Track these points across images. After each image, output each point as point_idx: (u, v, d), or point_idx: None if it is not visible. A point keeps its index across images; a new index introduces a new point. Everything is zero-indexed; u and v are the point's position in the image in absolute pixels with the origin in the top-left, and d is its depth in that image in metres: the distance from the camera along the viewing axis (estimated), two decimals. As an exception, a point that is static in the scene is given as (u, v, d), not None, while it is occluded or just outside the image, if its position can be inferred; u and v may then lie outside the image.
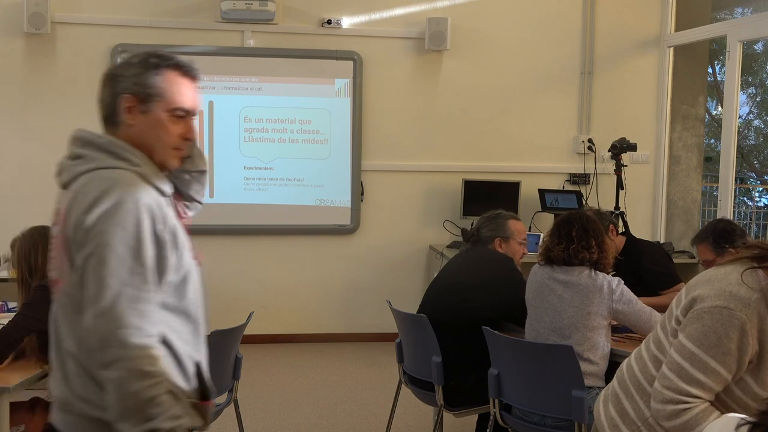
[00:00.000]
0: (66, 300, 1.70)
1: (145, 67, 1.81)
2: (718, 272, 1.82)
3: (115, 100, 1.81)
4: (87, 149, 1.79)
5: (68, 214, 1.68)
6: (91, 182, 1.69)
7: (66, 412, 1.71)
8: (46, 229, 2.86)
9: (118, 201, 1.63)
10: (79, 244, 1.64)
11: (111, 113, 1.83)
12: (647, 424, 1.87)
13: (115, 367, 1.57)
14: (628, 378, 1.96)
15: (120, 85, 1.80)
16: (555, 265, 3.11)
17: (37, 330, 2.67)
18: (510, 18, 6.25)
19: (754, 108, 15.82)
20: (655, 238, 6.39)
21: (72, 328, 1.68)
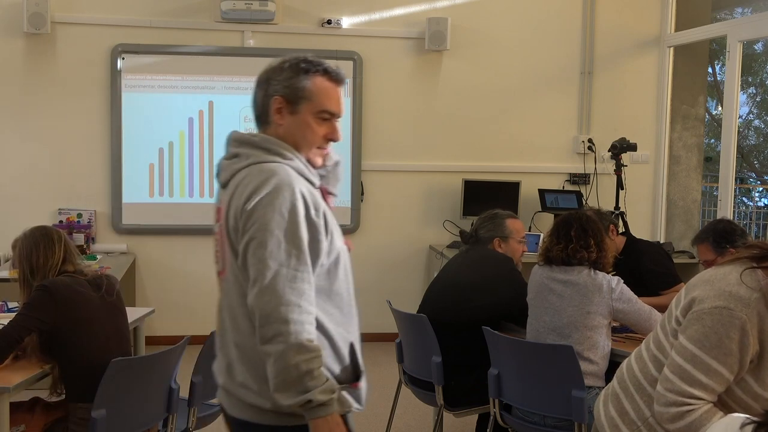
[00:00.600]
0: (231, 288, 1.85)
1: (295, 72, 1.93)
2: (717, 272, 1.82)
3: (267, 101, 1.93)
4: (243, 148, 1.90)
5: (229, 206, 1.82)
6: (249, 176, 1.81)
7: (228, 396, 1.87)
8: (47, 229, 2.87)
9: (274, 189, 1.76)
10: (240, 231, 1.78)
11: (263, 113, 1.94)
12: (647, 423, 1.87)
13: (276, 341, 1.69)
14: (628, 378, 1.96)
15: (272, 88, 1.92)
16: (554, 265, 3.11)
17: (38, 330, 2.68)
18: (510, 18, 6.25)
19: (754, 108, 15.83)
20: (655, 238, 6.39)
21: (235, 316, 1.83)
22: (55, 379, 2.75)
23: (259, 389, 1.76)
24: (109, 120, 5.81)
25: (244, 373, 1.80)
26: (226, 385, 1.87)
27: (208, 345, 3.14)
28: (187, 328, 5.73)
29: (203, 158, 5.95)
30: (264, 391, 1.75)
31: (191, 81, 5.90)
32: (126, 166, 5.84)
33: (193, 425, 3.09)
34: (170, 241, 5.97)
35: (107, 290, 2.83)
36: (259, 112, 1.95)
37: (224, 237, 1.85)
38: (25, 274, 2.78)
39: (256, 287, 1.72)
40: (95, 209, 5.85)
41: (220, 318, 1.91)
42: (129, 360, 2.80)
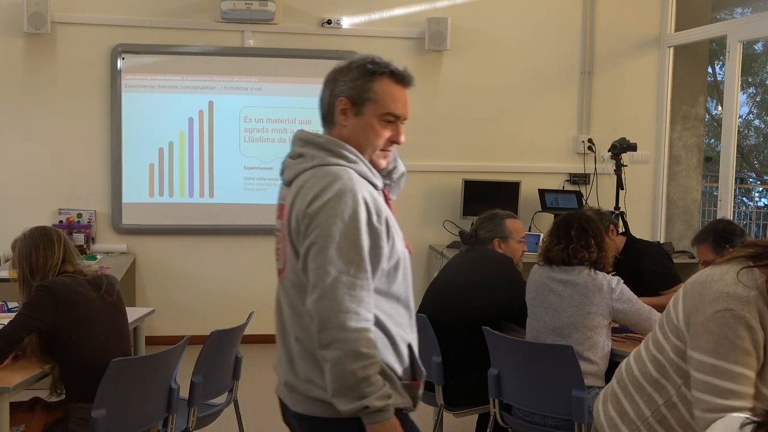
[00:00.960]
0: (291, 287, 1.91)
1: (361, 73, 1.92)
2: (713, 273, 1.81)
3: (332, 101, 1.92)
4: (307, 148, 1.92)
5: (292, 206, 1.86)
6: (313, 178, 1.83)
7: (291, 391, 1.92)
8: (47, 229, 2.87)
9: (337, 194, 1.77)
10: (302, 234, 1.81)
11: (328, 113, 1.95)
12: (647, 423, 1.87)
13: (333, 347, 1.72)
14: (627, 378, 1.96)
15: (338, 88, 1.91)
16: (554, 265, 3.11)
17: (38, 330, 2.68)
18: (510, 18, 6.25)
19: (754, 108, 15.83)
20: (655, 238, 6.39)
21: (297, 314, 1.89)
22: (55, 379, 2.75)
23: (324, 383, 1.79)
24: (109, 120, 5.81)
25: (307, 368, 1.85)
26: (290, 381, 1.92)
27: (208, 345, 3.14)
28: (187, 328, 5.73)
29: (203, 158, 5.95)
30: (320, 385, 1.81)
31: (191, 81, 5.90)
32: (126, 166, 5.84)
33: (193, 425, 3.09)
34: (170, 241, 5.97)
35: (107, 290, 2.83)
36: (324, 112, 1.96)
37: (286, 236, 1.89)
38: (24, 275, 2.78)
39: (315, 292, 1.76)
40: (95, 209, 5.85)
41: (278, 313, 2.00)
42: (129, 360, 2.80)
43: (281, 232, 1.94)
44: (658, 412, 1.86)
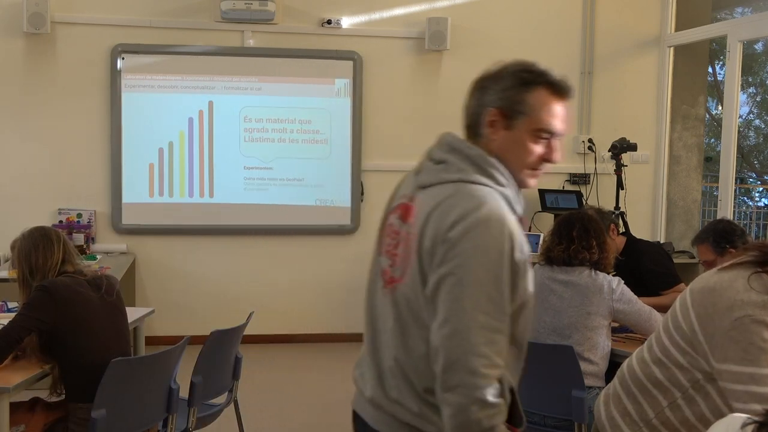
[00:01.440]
0: (404, 302, 1.67)
1: (515, 82, 1.72)
2: (722, 280, 1.80)
3: (480, 111, 1.74)
4: (453, 156, 1.73)
5: (427, 219, 1.63)
6: (458, 195, 1.62)
7: (377, 409, 1.72)
8: (46, 229, 2.87)
9: (484, 222, 1.57)
10: (438, 258, 1.59)
11: (474, 123, 1.76)
12: (650, 424, 1.86)
13: (458, 392, 1.53)
14: (630, 379, 1.95)
15: (487, 98, 1.73)
16: (555, 265, 3.11)
17: (38, 330, 2.67)
18: (510, 18, 6.25)
19: (755, 108, 15.83)
20: (655, 238, 6.39)
21: (403, 333, 1.67)
22: (55, 379, 2.75)
23: (420, 411, 1.63)
24: (109, 120, 5.81)
25: (399, 390, 1.66)
26: (377, 399, 1.71)
27: (208, 345, 3.14)
28: (187, 328, 5.73)
29: (203, 158, 5.95)
30: (427, 414, 1.63)
31: (191, 81, 5.90)
32: (126, 166, 5.84)
33: (192, 425, 3.09)
34: (170, 241, 5.97)
35: (107, 290, 2.82)
36: (469, 122, 1.78)
37: (412, 246, 1.66)
38: (24, 275, 2.78)
39: (446, 328, 1.54)
40: (95, 209, 5.85)
41: (372, 319, 1.77)
42: (129, 360, 2.80)
43: (402, 235, 1.71)
44: (662, 413, 1.86)
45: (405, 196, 1.78)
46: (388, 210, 1.83)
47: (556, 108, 1.75)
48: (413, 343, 1.64)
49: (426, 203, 1.67)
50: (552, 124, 1.73)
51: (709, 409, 1.79)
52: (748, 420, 1.39)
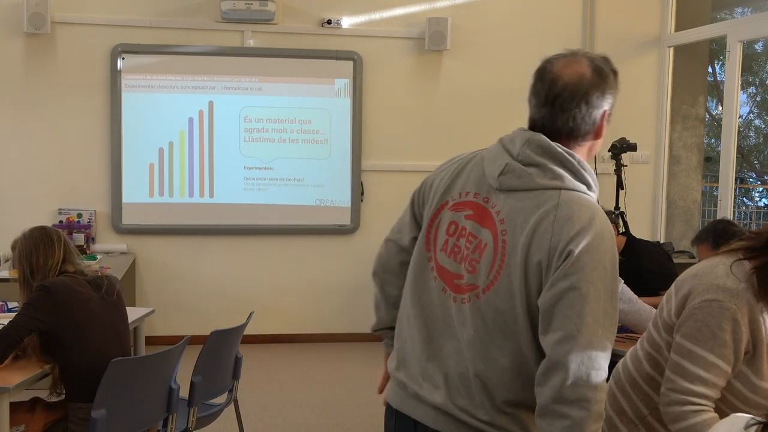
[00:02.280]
0: (488, 312, 1.64)
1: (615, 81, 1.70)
2: (705, 266, 1.84)
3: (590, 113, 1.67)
4: (548, 160, 1.65)
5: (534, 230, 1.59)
6: (569, 205, 1.59)
7: (445, 415, 1.69)
8: (46, 229, 2.87)
9: (599, 235, 1.57)
10: (554, 270, 1.56)
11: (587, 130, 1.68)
12: (645, 422, 1.87)
13: (581, 406, 1.53)
14: (624, 377, 1.96)
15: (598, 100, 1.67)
16: None
17: (38, 330, 2.67)
18: (510, 18, 6.25)
19: (755, 108, 15.83)
20: (655, 238, 6.39)
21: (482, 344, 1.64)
22: (55, 379, 2.75)
23: (491, 420, 1.64)
24: (109, 120, 5.81)
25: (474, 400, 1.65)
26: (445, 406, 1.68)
27: (208, 345, 3.14)
28: (187, 328, 5.73)
29: (203, 158, 5.95)
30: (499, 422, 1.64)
31: (191, 81, 5.90)
32: (126, 166, 5.84)
33: (193, 425, 3.09)
34: (170, 241, 5.97)
35: (107, 291, 2.82)
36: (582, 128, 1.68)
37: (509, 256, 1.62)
38: (25, 275, 2.78)
39: (569, 343, 1.53)
40: (95, 209, 5.85)
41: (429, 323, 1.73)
42: (129, 360, 2.80)
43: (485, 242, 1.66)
44: (656, 410, 1.86)
45: (473, 194, 1.72)
46: (441, 202, 1.77)
47: None
48: (496, 355, 1.62)
49: (522, 210, 1.62)
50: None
51: None
52: (752, 420, 1.39)
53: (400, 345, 1.80)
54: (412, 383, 1.74)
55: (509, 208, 1.64)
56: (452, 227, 1.73)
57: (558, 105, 1.69)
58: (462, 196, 1.73)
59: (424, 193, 1.89)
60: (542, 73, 1.77)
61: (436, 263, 1.74)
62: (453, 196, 1.76)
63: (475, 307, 1.65)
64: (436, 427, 1.70)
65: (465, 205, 1.71)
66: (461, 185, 1.76)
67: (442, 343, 1.70)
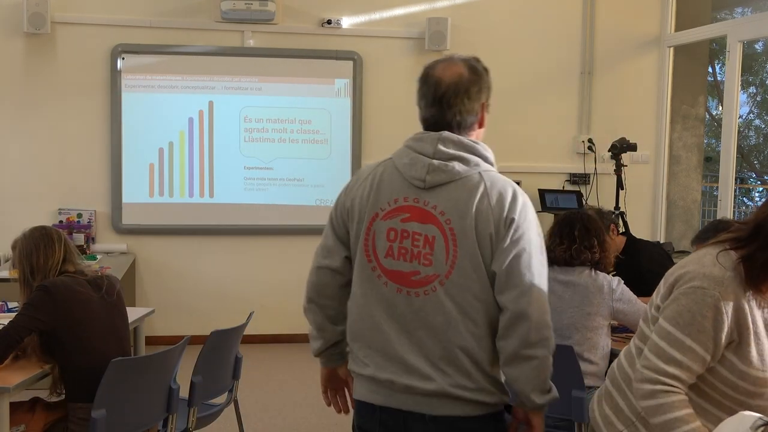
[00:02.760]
0: (456, 293, 1.85)
1: (488, 78, 2.12)
2: (694, 257, 1.87)
3: (471, 107, 2.03)
4: (464, 152, 1.95)
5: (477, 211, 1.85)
6: (495, 183, 1.89)
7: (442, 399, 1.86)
8: (47, 229, 2.86)
9: (524, 200, 1.90)
10: (503, 237, 1.84)
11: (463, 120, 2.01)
12: (641, 418, 1.88)
13: (543, 345, 1.84)
14: (620, 375, 1.98)
15: (475, 94, 2.02)
16: (555, 265, 3.10)
17: (38, 330, 2.67)
18: (510, 18, 6.25)
19: (755, 108, 15.83)
20: (655, 238, 6.39)
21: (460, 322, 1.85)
22: (55, 379, 2.75)
23: (481, 387, 1.87)
24: (109, 120, 5.81)
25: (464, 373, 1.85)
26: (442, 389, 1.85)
27: (208, 345, 3.14)
28: (187, 328, 5.73)
29: (203, 158, 5.95)
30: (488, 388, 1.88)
31: (191, 81, 5.90)
32: (126, 166, 5.84)
33: (193, 425, 3.09)
34: (170, 241, 5.97)
35: (107, 290, 2.82)
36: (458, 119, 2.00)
37: (452, 241, 1.85)
38: (25, 274, 2.78)
39: (528, 296, 1.81)
40: (95, 209, 5.85)
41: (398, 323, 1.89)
42: (129, 360, 2.80)
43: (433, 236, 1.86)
44: None
45: (402, 198, 1.91)
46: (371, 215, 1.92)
47: None
48: (472, 328, 1.85)
49: (458, 199, 1.86)
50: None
51: (697, 395, 1.81)
52: (759, 421, 1.39)
53: (372, 351, 1.93)
54: (399, 378, 1.88)
55: (445, 201, 1.86)
56: (392, 233, 1.89)
57: (445, 103, 1.96)
58: (392, 204, 1.90)
59: (345, 213, 1.99)
60: (426, 78, 2.00)
61: (383, 269, 1.90)
62: (382, 207, 1.91)
63: (442, 291, 1.85)
64: (436, 412, 1.86)
65: (399, 211, 1.89)
66: (387, 195, 1.91)
67: (417, 336, 1.87)
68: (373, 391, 1.93)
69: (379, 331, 1.91)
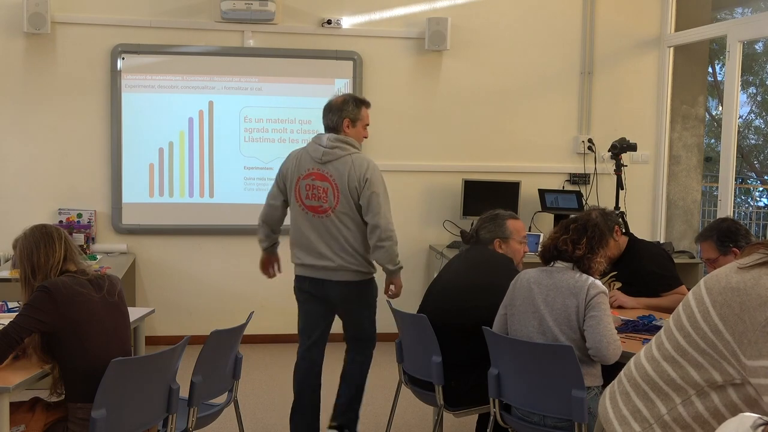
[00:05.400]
0: (340, 216, 3.71)
1: (354, 104, 3.84)
2: (746, 279, 1.75)
3: (340, 120, 3.80)
4: (341, 143, 3.74)
5: (349, 174, 3.67)
6: (358, 159, 3.72)
7: (339, 271, 3.75)
8: (48, 227, 2.85)
9: (374, 167, 3.72)
10: (363, 188, 3.66)
11: (336, 126, 3.81)
12: (662, 421, 1.86)
13: (390, 239, 3.70)
14: (640, 377, 1.94)
15: (342, 114, 3.81)
16: (544, 263, 3.11)
17: (38, 331, 2.67)
18: (510, 18, 6.25)
19: (755, 108, 15.83)
20: (655, 238, 6.39)
21: (347, 229, 3.72)
22: (55, 379, 2.75)
23: (359, 263, 3.76)
24: (109, 120, 5.81)
25: (352, 257, 3.74)
26: (339, 265, 3.75)
27: (208, 345, 3.14)
28: (187, 328, 5.74)
29: (203, 158, 5.95)
30: (366, 266, 3.80)
31: (191, 81, 5.90)
32: (126, 166, 5.84)
33: (193, 425, 3.09)
34: (170, 241, 5.97)
35: (109, 290, 2.82)
36: (333, 125, 3.82)
37: (340, 189, 3.68)
38: (26, 274, 2.77)
39: (379, 216, 3.66)
40: (95, 209, 5.85)
41: (310, 234, 3.76)
42: (129, 360, 2.80)
43: (325, 187, 3.70)
44: (674, 410, 1.86)
45: (310, 168, 3.75)
46: (296, 178, 3.79)
47: (367, 113, 3.89)
48: (347, 232, 3.73)
49: (339, 170, 3.70)
50: (366, 120, 3.89)
51: (723, 403, 1.79)
52: (759, 420, 1.38)
53: (302, 249, 3.81)
54: (316, 261, 3.78)
55: (333, 170, 3.70)
56: (308, 187, 3.75)
57: (329, 116, 3.84)
58: (306, 171, 3.76)
59: (283, 176, 3.87)
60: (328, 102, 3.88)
61: (305, 205, 3.76)
62: (301, 173, 3.77)
63: (333, 215, 3.72)
64: (336, 278, 3.76)
65: (310, 175, 3.74)
66: (303, 167, 3.77)
67: (323, 238, 3.75)
68: (304, 270, 3.85)
69: (305, 237, 3.78)
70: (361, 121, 3.82)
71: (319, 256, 3.72)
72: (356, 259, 3.71)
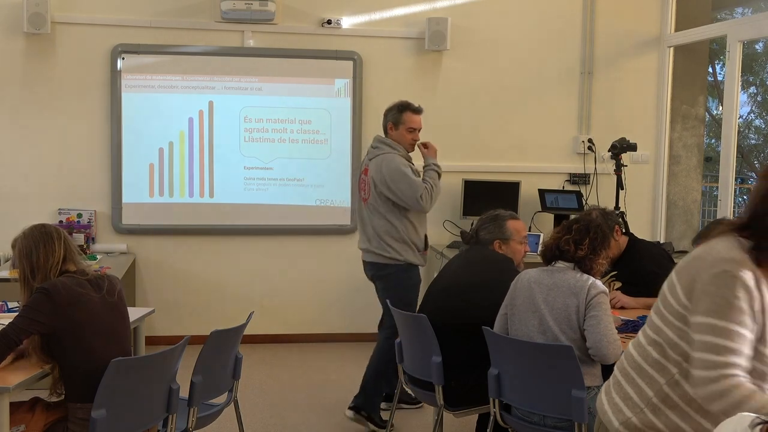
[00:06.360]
0: (372, 203, 4.27)
1: (396, 110, 4.35)
2: (703, 248, 1.88)
3: (385, 123, 4.38)
4: (379, 143, 4.35)
5: (377, 171, 4.22)
6: (385, 159, 4.24)
7: (368, 252, 4.36)
8: (47, 227, 2.84)
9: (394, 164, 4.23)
10: (384, 182, 4.21)
11: (384, 128, 4.39)
12: (651, 404, 1.90)
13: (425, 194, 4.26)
14: (629, 365, 2.00)
15: (386, 119, 4.39)
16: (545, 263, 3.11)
17: (38, 332, 2.66)
18: (510, 18, 6.25)
19: (755, 108, 15.83)
20: (655, 238, 6.39)
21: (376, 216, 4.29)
22: (55, 379, 2.75)
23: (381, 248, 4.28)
24: (109, 120, 5.81)
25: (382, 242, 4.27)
26: (372, 248, 4.31)
27: (208, 345, 3.14)
28: (187, 328, 5.73)
29: (203, 158, 5.95)
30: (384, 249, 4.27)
31: (191, 81, 5.90)
32: (126, 166, 5.84)
33: (193, 425, 3.09)
34: (170, 241, 5.97)
35: (108, 291, 2.81)
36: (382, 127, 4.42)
37: (371, 183, 4.25)
38: (25, 274, 2.76)
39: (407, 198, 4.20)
40: (95, 209, 5.85)
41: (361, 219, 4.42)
42: (129, 360, 2.80)
43: (367, 181, 4.31)
44: (660, 391, 1.89)
45: (364, 164, 4.40)
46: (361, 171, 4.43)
47: (413, 117, 4.33)
48: (378, 220, 4.26)
49: (373, 165, 4.27)
50: (413, 124, 4.35)
51: None
52: (757, 420, 1.40)
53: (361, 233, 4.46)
54: (361, 244, 4.43)
55: (371, 166, 4.28)
56: (361, 179, 4.41)
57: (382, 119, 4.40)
58: (363, 166, 4.42)
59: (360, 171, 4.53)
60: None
61: (360, 194, 4.43)
62: (362, 168, 4.43)
63: (369, 204, 4.30)
64: (368, 259, 4.37)
65: (364, 170, 4.37)
66: (363, 162, 4.44)
67: (363, 223, 4.39)
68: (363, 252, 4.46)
69: (360, 222, 4.46)
70: (403, 124, 4.27)
71: (363, 239, 4.39)
72: (380, 245, 4.25)
